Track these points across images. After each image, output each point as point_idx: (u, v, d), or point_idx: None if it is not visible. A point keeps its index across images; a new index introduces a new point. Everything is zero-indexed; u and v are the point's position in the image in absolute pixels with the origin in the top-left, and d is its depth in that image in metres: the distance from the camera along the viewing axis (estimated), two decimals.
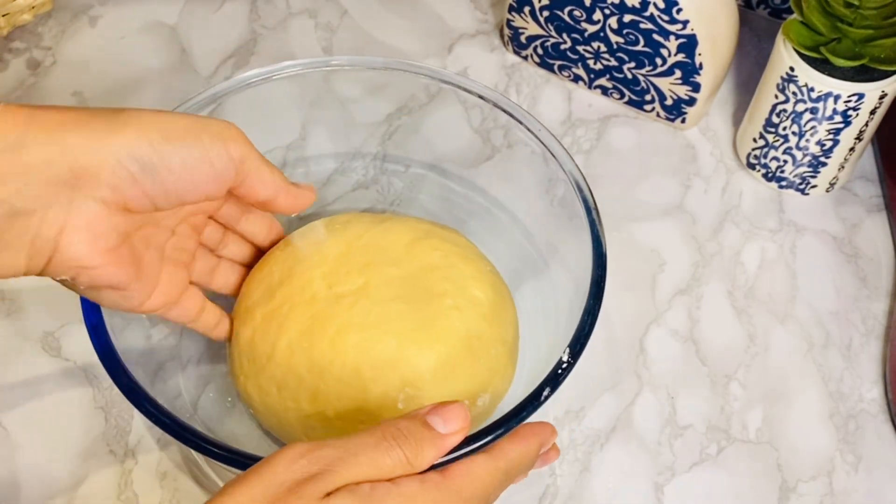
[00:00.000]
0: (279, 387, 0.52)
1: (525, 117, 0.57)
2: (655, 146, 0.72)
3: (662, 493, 0.57)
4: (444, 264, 0.55)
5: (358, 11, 0.79)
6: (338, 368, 0.51)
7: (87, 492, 0.55)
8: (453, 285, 0.54)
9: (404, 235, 0.55)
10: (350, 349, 0.51)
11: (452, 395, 0.51)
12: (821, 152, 0.66)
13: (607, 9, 0.67)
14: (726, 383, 0.61)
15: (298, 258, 0.54)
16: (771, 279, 0.66)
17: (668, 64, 0.68)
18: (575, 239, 0.59)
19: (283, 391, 0.52)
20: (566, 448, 0.58)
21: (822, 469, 0.58)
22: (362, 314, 0.52)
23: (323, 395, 0.51)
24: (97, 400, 0.58)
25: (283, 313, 0.52)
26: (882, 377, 0.62)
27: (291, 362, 0.51)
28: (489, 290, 0.55)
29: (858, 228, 0.69)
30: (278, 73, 0.58)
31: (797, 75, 0.62)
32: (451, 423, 0.42)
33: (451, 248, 0.56)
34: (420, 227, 0.57)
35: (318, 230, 0.56)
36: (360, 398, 0.51)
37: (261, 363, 0.52)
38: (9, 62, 0.74)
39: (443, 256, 0.55)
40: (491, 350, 0.53)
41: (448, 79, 0.58)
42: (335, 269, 0.54)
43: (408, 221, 0.57)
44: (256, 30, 0.77)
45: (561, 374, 0.48)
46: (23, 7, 0.73)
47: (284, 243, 0.56)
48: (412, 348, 0.51)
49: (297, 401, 0.51)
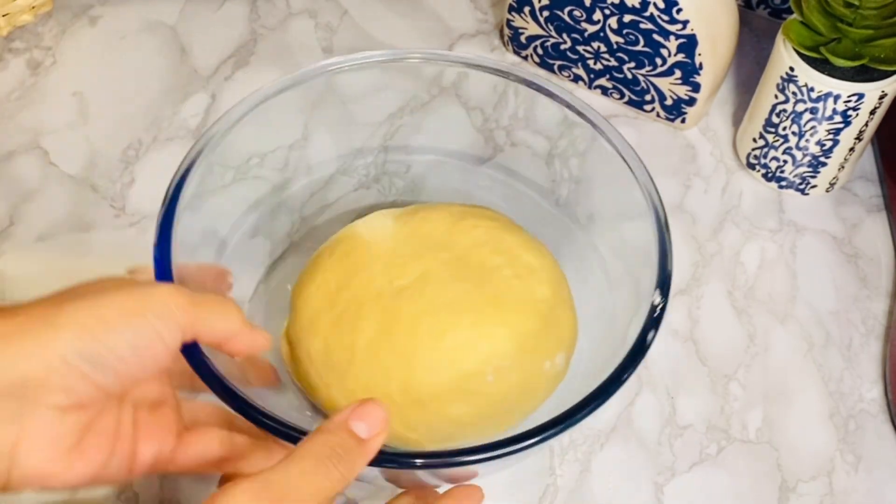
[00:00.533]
0: (366, 386, 0.52)
1: (605, 127, 0.56)
2: (655, 146, 0.72)
3: (662, 493, 0.57)
4: (490, 238, 0.56)
5: (358, 11, 0.79)
6: (422, 355, 0.52)
7: (88, 491, 0.55)
8: (505, 256, 0.55)
9: (443, 221, 0.57)
10: (429, 335, 0.52)
11: (534, 360, 0.53)
12: (821, 152, 0.66)
13: (607, 9, 0.67)
14: (726, 383, 0.61)
15: (351, 262, 0.55)
16: (771, 279, 0.66)
17: (668, 64, 0.69)
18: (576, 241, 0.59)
19: (373, 389, 0.52)
20: (566, 448, 0.58)
21: (822, 469, 0.58)
22: (431, 300, 0.53)
23: (413, 384, 0.52)
24: None
25: (353, 315, 0.53)
26: (882, 377, 0.62)
27: (375, 360, 0.52)
28: (538, 254, 0.56)
29: (858, 228, 0.69)
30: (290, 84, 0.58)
31: (797, 75, 0.62)
32: (373, 427, 0.42)
33: (490, 224, 0.57)
34: (453, 209, 0.58)
35: (358, 233, 0.57)
36: (450, 380, 0.52)
37: (342, 368, 0.53)
38: (9, 62, 0.74)
39: (485, 231, 0.56)
40: (556, 310, 0.55)
41: (537, 82, 0.58)
42: (391, 264, 0.55)
43: (438, 208, 0.58)
44: (256, 30, 0.77)
45: (658, 315, 0.49)
46: (23, 7, 0.73)
47: (329, 253, 0.57)
48: (488, 324, 0.53)
49: (389, 395, 0.52)
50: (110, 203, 0.67)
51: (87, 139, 0.70)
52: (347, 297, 0.54)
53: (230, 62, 0.75)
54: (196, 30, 0.77)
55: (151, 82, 0.74)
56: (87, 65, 0.74)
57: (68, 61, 0.75)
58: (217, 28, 0.77)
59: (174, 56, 0.75)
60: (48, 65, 0.74)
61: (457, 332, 0.53)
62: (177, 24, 0.77)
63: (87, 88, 0.73)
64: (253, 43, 0.76)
